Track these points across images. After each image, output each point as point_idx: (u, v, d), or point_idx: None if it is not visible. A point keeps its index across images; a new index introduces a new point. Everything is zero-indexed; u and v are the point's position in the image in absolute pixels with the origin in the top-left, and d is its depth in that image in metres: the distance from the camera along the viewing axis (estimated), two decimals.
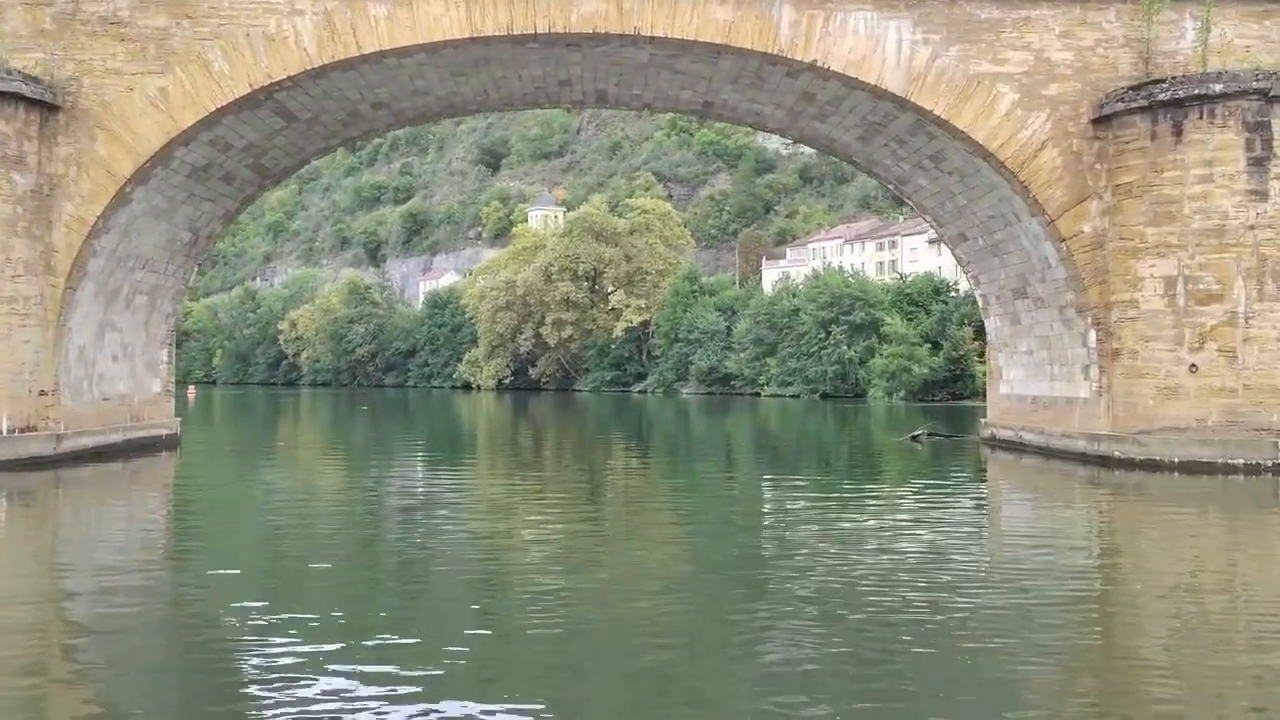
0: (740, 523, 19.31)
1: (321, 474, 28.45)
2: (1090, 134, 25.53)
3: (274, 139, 28.35)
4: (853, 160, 31.23)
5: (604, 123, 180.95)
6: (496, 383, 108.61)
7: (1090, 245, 25.59)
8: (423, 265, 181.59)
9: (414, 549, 16.10)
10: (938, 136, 26.53)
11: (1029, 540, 17.39)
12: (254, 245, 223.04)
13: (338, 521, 18.99)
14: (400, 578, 13.91)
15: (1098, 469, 25.35)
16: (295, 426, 55.58)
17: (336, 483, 25.76)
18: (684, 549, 16.46)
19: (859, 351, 77.96)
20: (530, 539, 17.05)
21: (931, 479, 26.68)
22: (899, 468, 29.44)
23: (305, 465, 31.42)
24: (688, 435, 47.25)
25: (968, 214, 29.12)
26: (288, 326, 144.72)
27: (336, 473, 28.59)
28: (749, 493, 24.48)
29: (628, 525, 18.97)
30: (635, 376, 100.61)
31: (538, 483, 26.06)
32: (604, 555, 15.54)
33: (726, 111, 30.44)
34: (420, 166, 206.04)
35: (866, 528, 18.12)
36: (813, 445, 39.43)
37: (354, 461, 32.48)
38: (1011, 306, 29.90)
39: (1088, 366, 26.27)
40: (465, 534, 17.51)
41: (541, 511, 20.53)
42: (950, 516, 20.21)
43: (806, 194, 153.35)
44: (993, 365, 32.13)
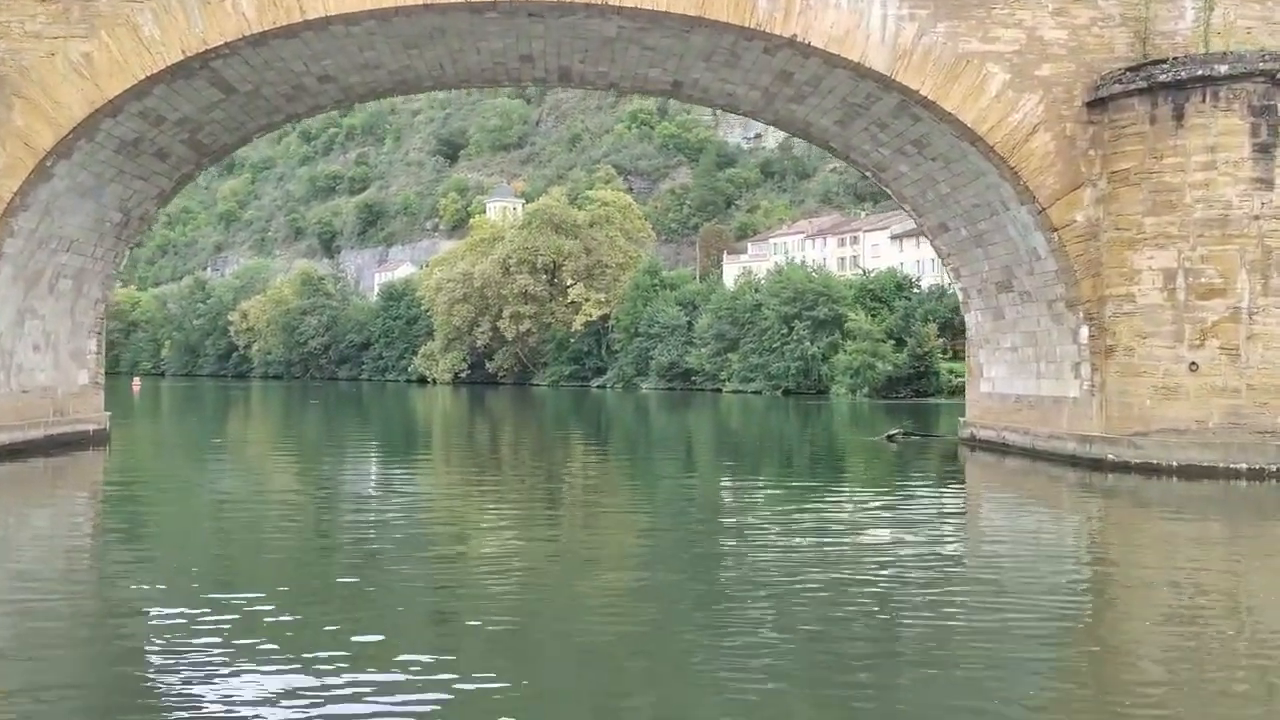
0: (701, 528, 18.12)
1: (265, 472, 27.16)
2: (1084, 118, 24.11)
3: (211, 113, 26.35)
4: (829, 146, 29.67)
5: (564, 114, 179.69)
6: (453, 377, 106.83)
7: (1083, 236, 24.18)
8: (378, 257, 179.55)
9: (362, 550, 15.38)
10: (923, 119, 25.02)
11: (1014, 549, 16.38)
12: (205, 234, 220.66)
13: (278, 524, 17.94)
14: (347, 580, 13.15)
15: (1089, 472, 24.00)
16: (241, 421, 53.91)
17: (281, 482, 24.47)
18: (642, 551, 15.77)
19: (822, 348, 76.95)
20: (484, 540, 16.48)
21: (908, 481, 25.47)
22: (873, 468, 28.22)
23: (249, 463, 30.09)
24: (648, 432, 46.16)
25: (950, 203, 27.65)
26: (238, 318, 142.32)
27: (282, 471, 27.20)
28: (712, 495, 23.23)
29: (585, 526, 18.39)
30: (594, 371, 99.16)
31: (494, 481, 25.18)
32: (559, 557, 15.03)
33: (697, 92, 28.78)
34: (377, 156, 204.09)
35: (838, 533, 17.21)
36: (780, 444, 38.27)
37: (302, 459, 31.11)
38: (994, 301, 28.47)
39: (1078, 364, 24.86)
40: (417, 535, 16.79)
41: (497, 511, 19.82)
42: (928, 521, 19.19)
43: (768, 189, 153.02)
44: (973, 362, 30.69)
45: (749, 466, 29.52)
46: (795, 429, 46.17)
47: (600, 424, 50.32)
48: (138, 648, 9.95)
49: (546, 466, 29.28)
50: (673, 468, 29.42)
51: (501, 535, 17.03)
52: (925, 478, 26.09)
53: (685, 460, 32.16)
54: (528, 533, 17.19)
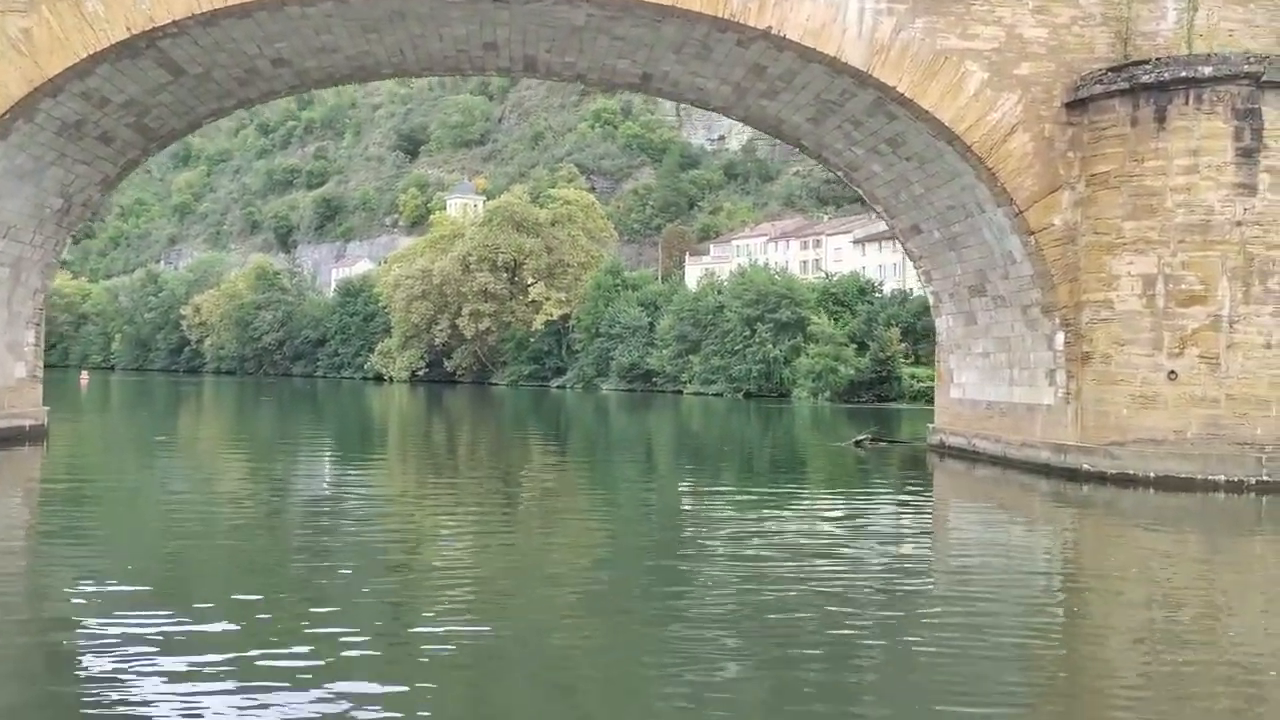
0: (660, 537, 17.50)
1: (210, 473, 26.33)
2: (1063, 119, 23.53)
3: (158, 95, 25.20)
4: (801, 144, 28.96)
5: (527, 112, 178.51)
6: (410, 375, 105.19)
7: (1061, 239, 23.59)
8: (336, 252, 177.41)
9: (312, 556, 14.93)
10: (899, 117, 24.34)
11: (983, 561, 15.88)
12: (159, 227, 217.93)
13: (222, 528, 17.27)
14: (295, 588, 12.78)
15: (1063, 482, 23.43)
16: (189, 418, 52.69)
17: (226, 483, 23.67)
18: (600, 561, 15.28)
19: (784, 351, 76.67)
20: (438, 547, 16.07)
21: (875, 488, 24.93)
22: (840, 475, 27.61)
23: (194, 462, 29.22)
24: (608, 434, 45.61)
25: (924, 204, 27.01)
26: (191, 311, 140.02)
27: (229, 472, 26.36)
28: (672, 501, 22.57)
29: (541, 532, 17.99)
30: (554, 371, 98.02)
31: (449, 484, 24.67)
32: (514, 566, 14.59)
33: (667, 86, 27.97)
34: (336, 151, 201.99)
35: (801, 544, 16.69)
36: (743, 448, 37.66)
37: (251, 459, 30.28)
38: (967, 305, 27.86)
39: (1053, 371, 24.26)
40: (368, 541, 16.29)
41: (452, 515, 19.35)
42: (895, 531, 18.63)
43: (731, 191, 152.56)
44: (942, 368, 30.08)
45: (711, 471, 28.88)
46: (758, 433, 45.62)
47: (560, 425, 49.68)
48: (69, 660, 9.50)
49: (504, 469, 28.61)
50: (633, 471, 28.75)
51: (455, 541, 16.53)
52: (893, 485, 25.53)
53: (646, 463, 31.49)
54: (482, 539, 16.70)
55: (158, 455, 30.53)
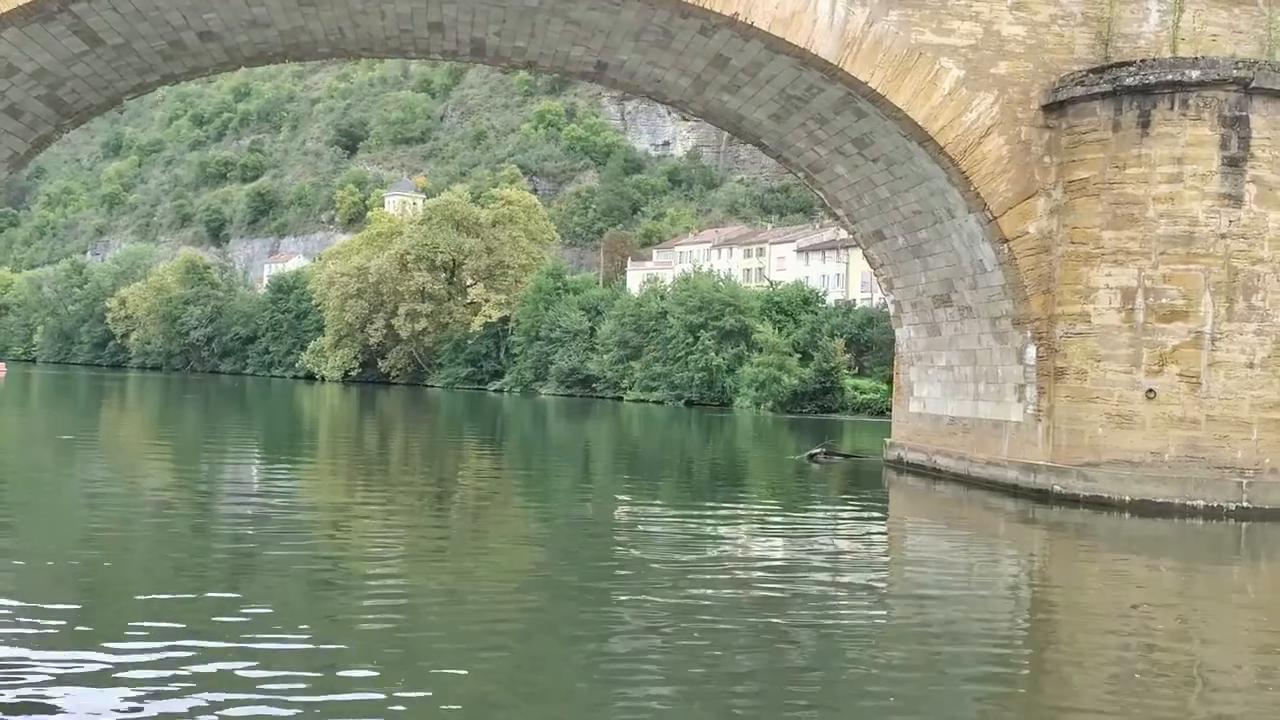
0: (596, 567, 16.11)
1: (126, 475, 25.31)
2: (1041, 121, 22.41)
3: (73, 66, 23.22)
4: (760, 143, 27.63)
5: (469, 110, 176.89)
6: (342, 374, 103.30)
7: (1035, 249, 22.46)
8: (269, 247, 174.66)
9: (230, 563, 14.46)
10: (868, 115, 23.08)
11: (944, 587, 14.93)
12: (86, 217, 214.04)
13: (132, 534, 16.68)
14: (209, 595, 12.23)
15: (1032, 504, 22.31)
16: (105, 414, 50.96)
17: (141, 487, 22.68)
18: (528, 578, 14.42)
19: (727, 359, 75.98)
20: (366, 554, 15.61)
21: (829, 506, 23.81)
22: (792, 491, 26.42)
23: (108, 463, 27.97)
24: (545, 440, 44.53)
25: (889, 208, 25.79)
26: (116, 304, 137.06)
27: (144, 475, 25.30)
28: (609, 520, 21.17)
29: (472, 544, 17.39)
30: (492, 374, 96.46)
31: (380, 490, 24.12)
32: (441, 578, 14.01)
33: (622, 76, 26.50)
34: (272, 144, 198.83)
35: (747, 566, 15.73)
36: (687, 460, 36.44)
37: (170, 460, 29.15)
38: (930, 315, 26.69)
39: (1023, 386, 23.12)
40: (291, 551, 15.50)
41: (382, 521, 18.92)
42: (845, 551, 17.76)
43: (674, 197, 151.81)
44: (902, 380, 28.88)
45: (653, 483, 27.74)
46: (702, 442, 44.59)
47: (496, 430, 48.65)
48: None
49: (436, 475, 27.83)
50: (570, 481, 27.67)
51: (382, 552, 15.98)
52: (846, 502, 24.47)
53: (584, 473, 30.41)
54: (410, 549, 16.24)
55: (68, 455, 29.01)
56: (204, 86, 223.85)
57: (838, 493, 25.94)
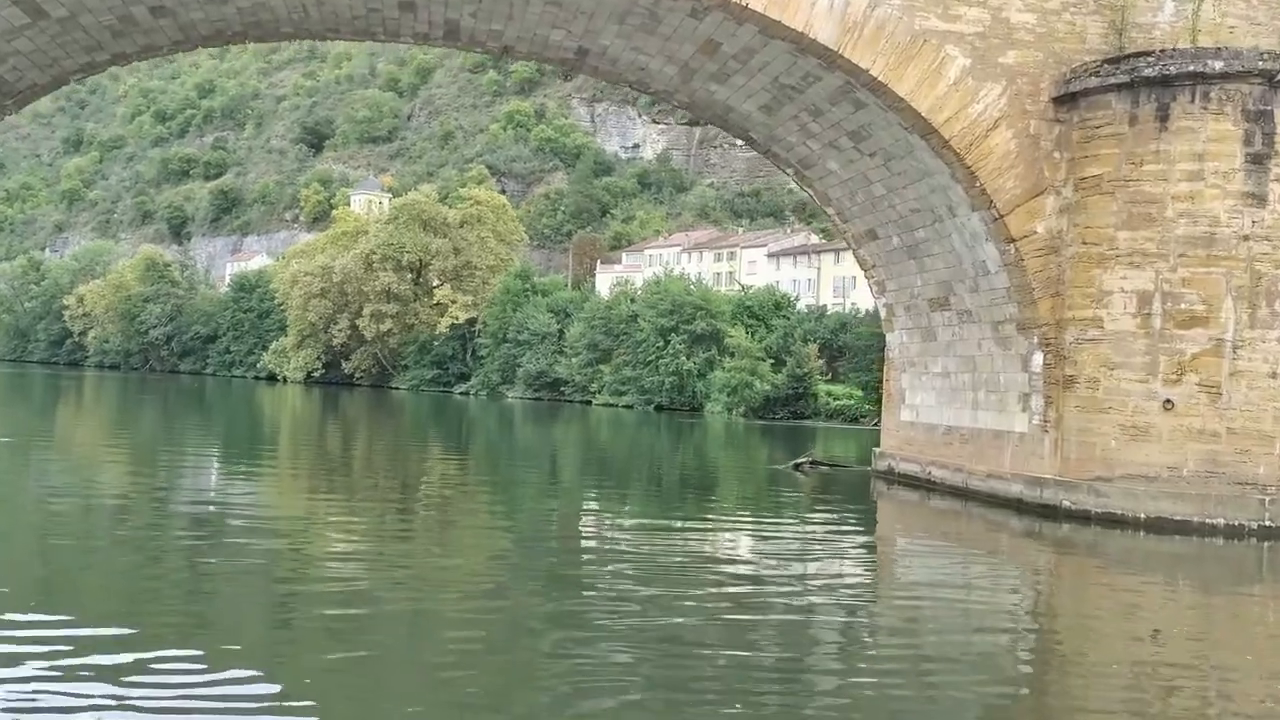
0: (562, 571, 15.77)
1: (79, 479, 24.57)
2: (1050, 114, 21.17)
3: (14, 41, 21.48)
4: (748, 136, 26.28)
5: (437, 110, 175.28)
6: (305, 375, 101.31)
7: (1043, 249, 21.19)
8: (232, 246, 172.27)
9: (188, 573, 14.12)
10: (867, 106, 21.74)
11: (941, 609, 14.03)
12: (45, 213, 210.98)
13: (88, 539, 16.47)
14: (172, 603, 12.25)
15: (1039, 520, 21.07)
16: (60, 416, 49.40)
17: (96, 492, 22.15)
18: (494, 592, 13.95)
19: (698, 364, 74.96)
20: (327, 561, 15.33)
21: (817, 519, 22.61)
22: (776, 503, 25.18)
23: (59, 467, 27.26)
24: (511, 445, 43.65)
25: (884, 207, 24.48)
26: (74, 302, 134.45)
27: (98, 479, 24.52)
28: (578, 534, 20.23)
29: (437, 554, 16.88)
30: (458, 377, 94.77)
31: (342, 495, 23.66)
32: (404, 584, 13.90)
33: (604, 64, 25.04)
34: (236, 141, 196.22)
35: (728, 583, 14.81)
36: (661, 467, 35.26)
37: (126, 464, 28.05)
38: (925, 320, 25.39)
39: (1028, 395, 21.83)
40: (251, 560, 15.13)
41: (344, 528, 18.58)
42: (837, 573, 16.69)
43: (644, 200, 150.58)
44: (893, 387, 27.57)
45: (626, 496, 26.43)
46: (676, 449, 43.57)
47: (462, 434, 47.90)
48: None
49: (400, 481, 27.18)
50: (537, 493, 26.52)
51: (344, 559, 15.63)
52: (834, 515, 23.31)
53: (553, 484, 29.28)
54: (371, 555, 15.98)
55: (18, 459, 28.26)
56: (167, 83, 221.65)
57: (823, 504, 24.81)
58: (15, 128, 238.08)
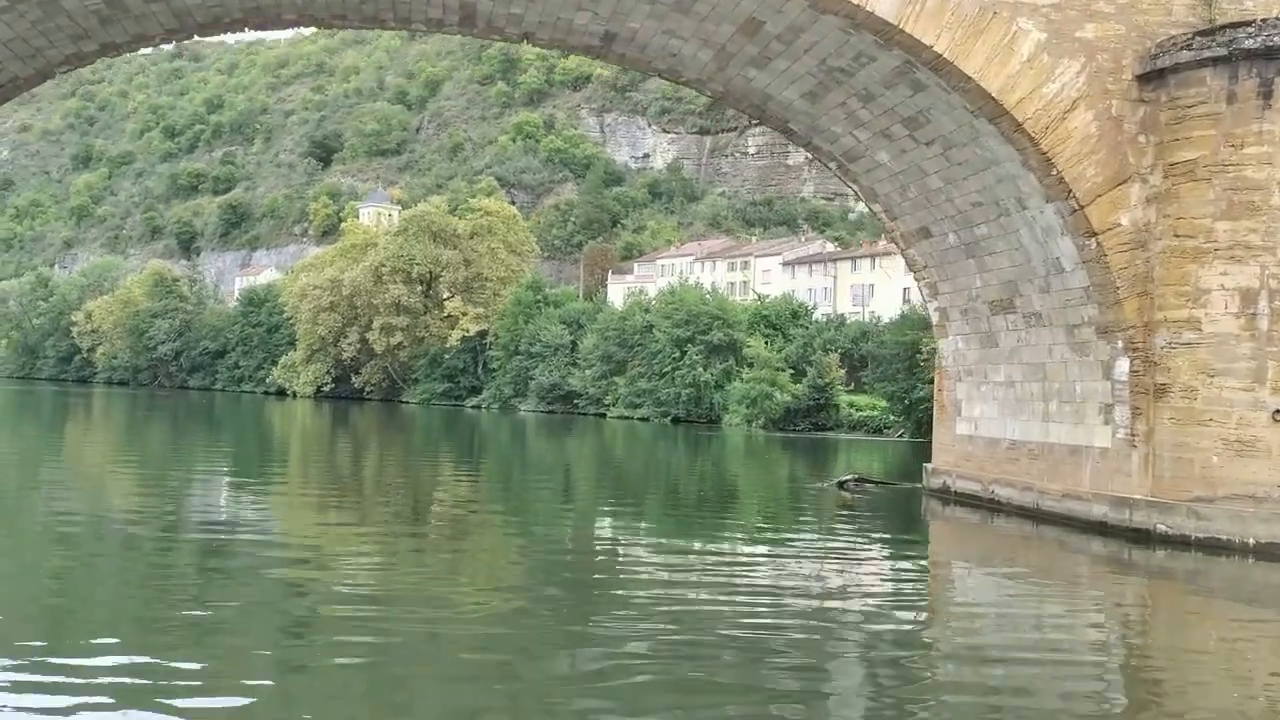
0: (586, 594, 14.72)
1: (86, 498, 23.94)
2: (1134, 94, 19.08)
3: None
4: (787, 128, 24.24)
5: (445, 122, 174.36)
6: (315, 390, 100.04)
7: (1128, 243, 19.09)
8: (241, 260, 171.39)
9: (200, 590, 13.85)
10: (927, 88, 19.69)
11: (1005, 642, 12.42)
12: (54, 230, 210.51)
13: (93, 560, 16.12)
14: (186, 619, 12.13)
15: (1127, 546, 18.92)
16: (70, 433, 48.43)
17: (99, 513, 21.30)
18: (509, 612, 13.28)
19: (716, 374, 73.17)
20: (337, 583, 14.69)
21: (863, 540, 20.78)
22: (818, 523, 23.27)
23: (68, 485, 26.68)
24: (525, 459, 42.32)
25: (941, 201, 22.41)
26: (82, 318, 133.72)
27: (105, 499, 23.89)
28: (612, 550, 19.00)
29: (450, 571, 16.36)
30: (469, 390, 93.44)
31: (353, 513, 22.85)
32: (418, 602, 13.39)
33: (633, 50, 23.04)
34: (245, 156, 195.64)
35: (763, 612, 13.45)
36: (685, 482, 33.48)
37: (134, 482, 27.12)
38: (985, 324, 23.29)
39: (1110, 406, 19.70)
40: (263, 577, 14.91)
41: (355, 547, 17.99)
42: (886, 598, 15.09)
43: (655, 209, 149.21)
44: (946, 398, 25.43)
45: (655, 516, 24.51)
46: (699, 464, 41.85)
47: (474, 448, 46.90)
48: None
49: (411, 498, 26.26)
50: (554, 510, 24.80)
51: (354, 579, 15.08)
52: (886, 538, 21.36)
53: (571, 500, 27.67)
54: (383, 576, 15.42)
55: (29, 477, 28.03)
56: (176, 99, 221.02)
57: (872, 525, 22.90)
58: (25, 145, 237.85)
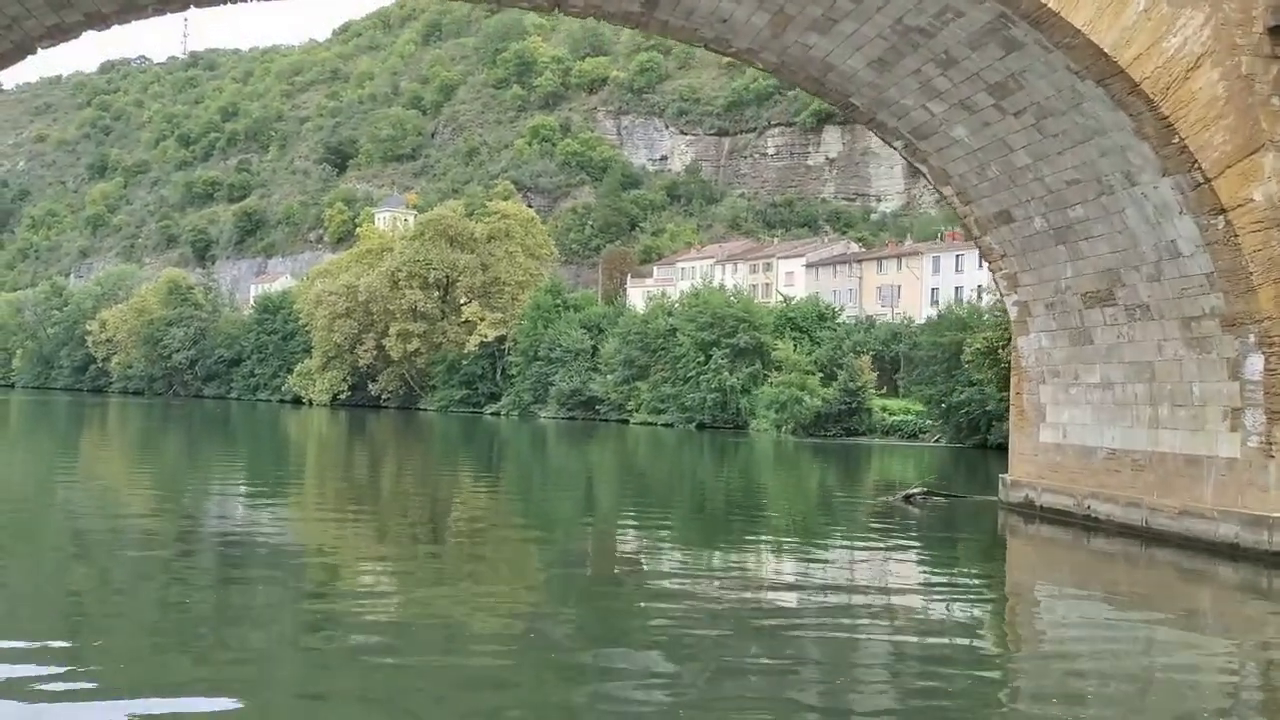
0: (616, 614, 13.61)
1: (103, 508, 23.53)
2: (1267, 49, 16.58)
3: None
4: (848, 102, 21.78)
5: (461, 126, 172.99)
6: (331, 398, 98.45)
7: (1262, 222, 16.59)
8: (256, 268, 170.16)
9: (217, 602, 13.60)
10: (1024, 47, 17.18)
11: (1111, 690, 10.51)
12: (70, 239, 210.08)
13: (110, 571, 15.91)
14: (202, 632, 11.89)
15: (1264, 570, 16.37)
16: (85, 444, 47.36)
17: (116, 523, 20.87)
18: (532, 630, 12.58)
19: (742, 379, 71.16)
20: (355, 597, 14.39)
21: (938, 560, 18.71)
22: (878, 539, 20.87)
23: (84, 495, 26.20)
24: (546, 467, 41.03)
25: (1028, 180, 19.89)
26: (97, 327, 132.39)
27: (122, 509, 23.51)
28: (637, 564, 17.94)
29: (470, 587, 15.47)
30: (488, 397, 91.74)
31: (371, 523, 22.48)
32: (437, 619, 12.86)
33: (677, 16, 20.61)
34: (260, 164, 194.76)
35: (837, 652, 11.96)
36: (715, 491, 31.78)
37: (150, 493, 26.88)
38: (1078, 318, 20.75)
39: (1239, 410, 17.16)
40: (280, 590, 14.79)
41: (373, 559, 17.59)
42: (969, 626, 13.49)
43: (674, 212, 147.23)
44: (1027, 402, 22.87)
45: (689, 529, 22.53)
46: (731, 470, 40.11)
47: (493, 457, 45.90)
48: None
49: (430, 509, 25.54)
50: (575, 524, 23.53)
51: (375, 593, 14.82)
52: (964, 561, 19.08)
53: (592, 514, 25.91)
54: (405, 592, 14.94)
55: (45, 487, 27.58)
56: (191, 108, 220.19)
57: (947, 545, 20.70)
58: (41, 155, 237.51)
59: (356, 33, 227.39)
